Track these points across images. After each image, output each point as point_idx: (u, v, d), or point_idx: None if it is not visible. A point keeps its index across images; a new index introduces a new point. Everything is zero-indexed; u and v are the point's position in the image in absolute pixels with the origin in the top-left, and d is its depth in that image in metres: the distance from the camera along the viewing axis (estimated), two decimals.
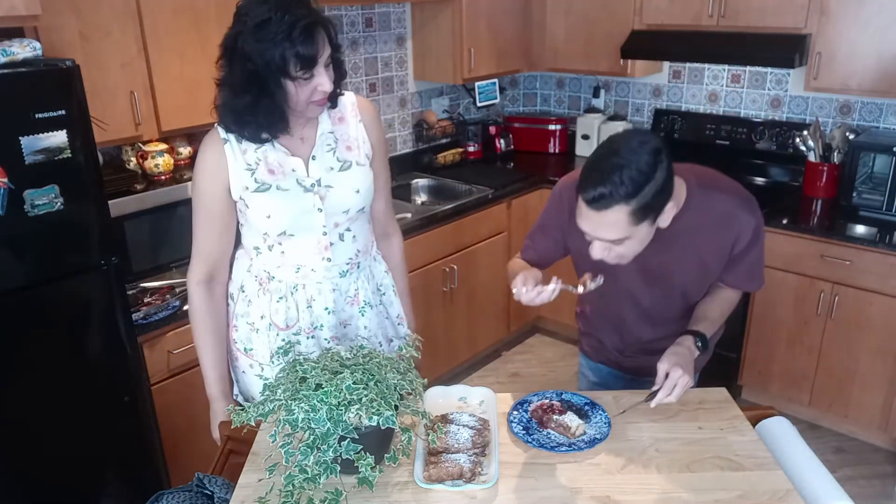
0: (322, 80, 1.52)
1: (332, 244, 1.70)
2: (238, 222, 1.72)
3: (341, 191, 1.68)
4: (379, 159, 1.79)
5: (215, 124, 1.63)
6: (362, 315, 1.80)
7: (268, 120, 1.56)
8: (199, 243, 1.71)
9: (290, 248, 1.68)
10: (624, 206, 1.37)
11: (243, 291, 1.76)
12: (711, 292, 1.75)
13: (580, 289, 1.58)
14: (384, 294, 1.90)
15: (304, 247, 1.68)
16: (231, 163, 1.61)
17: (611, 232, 1.42)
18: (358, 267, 1.78)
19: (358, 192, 1.70)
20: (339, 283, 1.75)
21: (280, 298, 1.72)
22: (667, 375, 1.52)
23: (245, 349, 1.78)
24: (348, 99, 1.74)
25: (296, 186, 1.64)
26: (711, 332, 1.67)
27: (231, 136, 1.61)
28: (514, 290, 1.55)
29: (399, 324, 1.95)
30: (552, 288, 1.51)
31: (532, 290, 1.51)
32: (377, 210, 1.85)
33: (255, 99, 1.52)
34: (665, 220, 1.48)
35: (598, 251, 1.49)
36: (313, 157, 1.66)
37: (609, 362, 1.97)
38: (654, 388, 1.54)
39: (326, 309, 1.74)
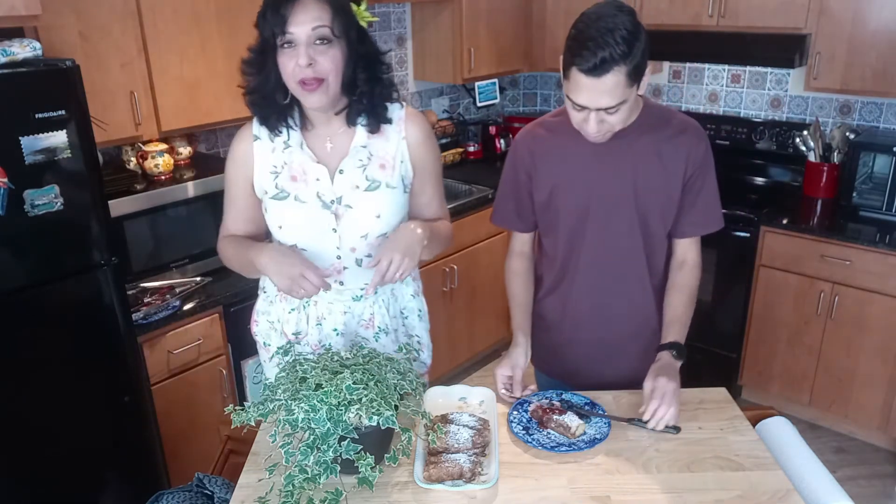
0: (300, 54, 1.41)
1: (346, 268, 1.62)
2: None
3: (360, 213, 1.57)
4: (423, 181, 1.65)
5: (253, 118, 1.60)
6: (376, 340, 1.71)
7: (272, 99, 1.50)
8: (226, 221, 1.69)
9: None
10: (622, 68, 1.40)
11: (265, 292, 1.75)
12: (669, 287, 1.74)
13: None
14: (407, 318, 1.78)
15: (318, 265, 1.58)
16: (258, 160, 1.58)
17: (609, 97, 1.44)
18: (375, 293, 1.66)
19: (379, 217, 1.57)
20: (353, 306, 1.67)
21: (292, 310, 1.69)
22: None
23: (264, 343, 1.77)
24: (395, 111, 1.60)
25: (314, 200, 1.56)
26: (684, 334, 1.69)
27: (263, 133, 1.57)
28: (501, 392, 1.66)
29: (419, 350, 1.83)
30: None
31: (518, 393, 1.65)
32: None
33: (261, 74, 1.48)
34: (643, 85, 1.51)
35: (593, 126, 1.50)
36: (340, 171, 1.56)
37: (564, 374, 1.87)
38: (641, 411, 1.53)
39: (335, 330, 1.68)
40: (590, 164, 1.66)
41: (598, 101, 1.45)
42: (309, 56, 1.41)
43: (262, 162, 1.58)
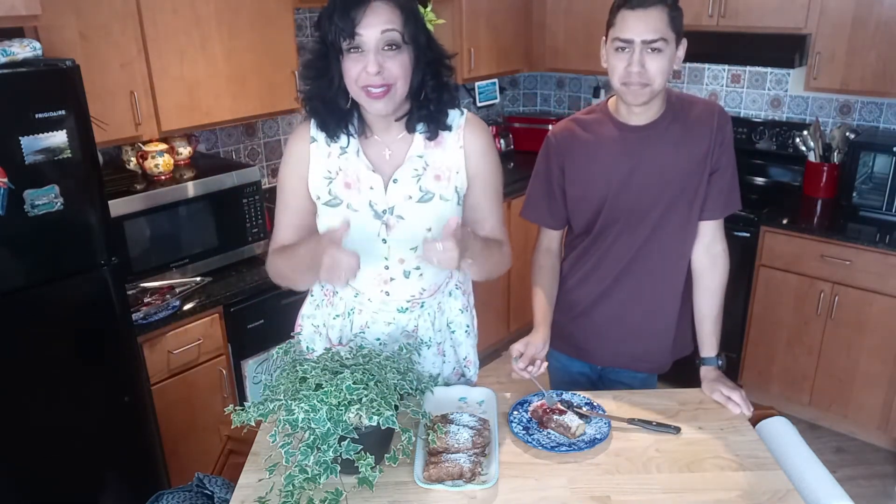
0: (368, 60, 1.35)
1: (392, 279, 1.58)
2: None
3: (411, 225, 1.51)
4: (477, 193, 1.57)
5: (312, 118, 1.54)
6: (419, 353, 1.66)
7: (334, 104, 1.44)
8: (277, 231, 1.63)
9: None
10: (664, 7, 1.57)
11: (312, 295, 1.73)
12: (702, 289, 1.80)
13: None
14: (454, 332, 1.74)
15: (364, 274, 1.54)
16: (313, 164, 1.53)
17: (653, 30, 1.56)
18: (421, 306, 1.64)
19: (430, 229, 1.52)
20: (398, 317, 1.63)
21: (337, 316, 1.67)
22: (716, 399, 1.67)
23: (308, 348, 1.74)
24: (455, 118, 1.54)
25: (366, 209, 1.52)
26: (719, 337, 1.80)
27: (320, 136, 1.52)
28: (513, 364, 1.71)
29: (465, 366, 1.79)
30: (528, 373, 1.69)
31: (524, 365, 1.69)
32: None
33: (322, 78, 1.43)
34: (678, 60, 1.65)
35: (635, 66, 1.59)
36: (395, 181, 1.51)
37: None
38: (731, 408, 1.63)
39: (378, 340, 1.64)
40: (621, 155, 1.71)
41: (642, 32, 1.56)
42: (378, 62, 1.36)
43: (318, 165, 1.53)
